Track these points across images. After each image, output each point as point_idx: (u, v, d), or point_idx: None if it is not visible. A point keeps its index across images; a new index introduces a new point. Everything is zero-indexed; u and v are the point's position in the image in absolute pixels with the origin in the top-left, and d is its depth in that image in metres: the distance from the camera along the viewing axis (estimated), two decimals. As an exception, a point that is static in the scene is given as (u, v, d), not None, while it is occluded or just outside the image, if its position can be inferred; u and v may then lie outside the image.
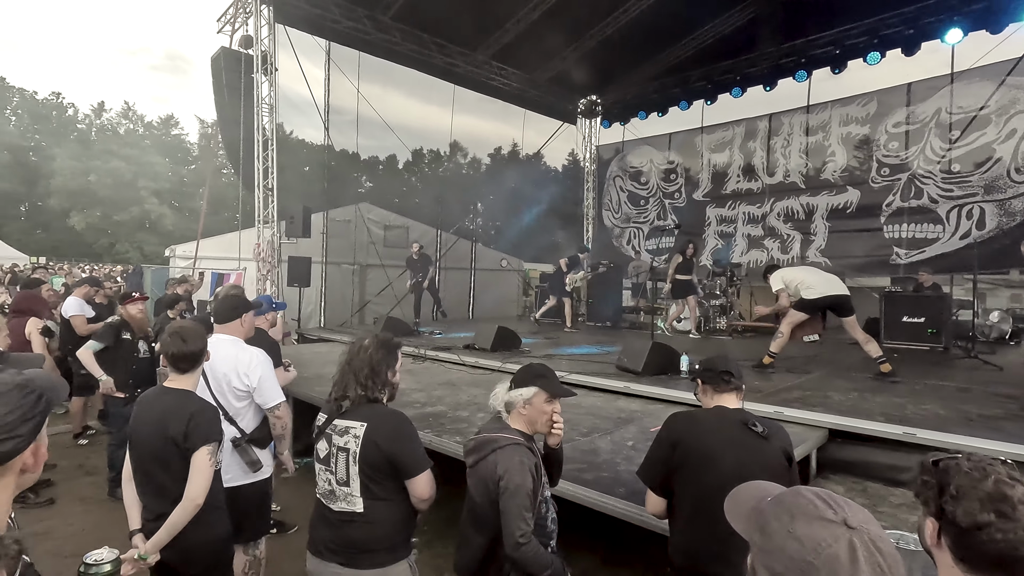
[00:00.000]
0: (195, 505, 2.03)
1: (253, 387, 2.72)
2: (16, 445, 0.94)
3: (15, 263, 21.15)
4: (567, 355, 6.42)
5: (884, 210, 9.89)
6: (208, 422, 2.12)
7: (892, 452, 3.33)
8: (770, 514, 0.84)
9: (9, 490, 0.97)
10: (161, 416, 2.11)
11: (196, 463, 2.05)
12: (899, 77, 9.93)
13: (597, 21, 10.40)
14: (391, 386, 2.10)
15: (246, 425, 2.75)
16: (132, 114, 50.50)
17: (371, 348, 2.08)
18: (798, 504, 0.82)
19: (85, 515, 4.30)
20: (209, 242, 11.38)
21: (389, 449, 1.92)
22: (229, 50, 8.81)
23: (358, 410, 2.00)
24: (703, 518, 1.83)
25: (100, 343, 4.45)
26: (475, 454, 1.97)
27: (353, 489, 1.94)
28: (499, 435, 1.95)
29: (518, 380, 2.04)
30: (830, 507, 0.80)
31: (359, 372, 2.02)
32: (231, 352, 2.75)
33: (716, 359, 2.17)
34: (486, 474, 1.89)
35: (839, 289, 5.19)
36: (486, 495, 1.89)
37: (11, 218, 41.52)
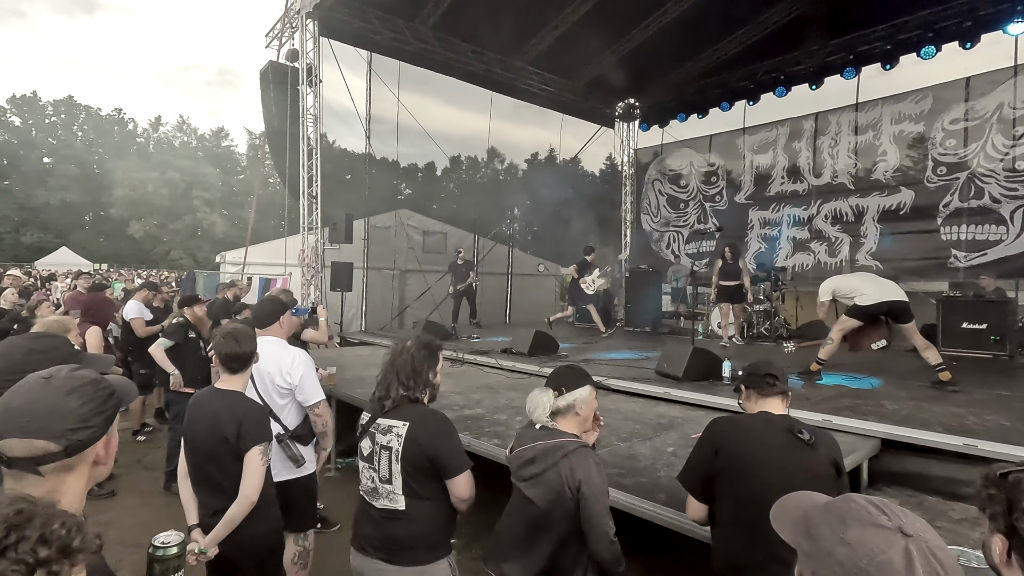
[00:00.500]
0: (250, 502, 2.13)
1: (295, 385, 2.83)
2: (90, 435, 1.01)
3: (81, 269, 22.49)
4: (606, 360, 6.36)
5: (941, 211, 9.39)
6: (258, 423, 2.21)
7: (951, 464, 3.16)
8: (819, 519, 0.81)
9: (83, 480, 1.04)
10: (214, 417, 2.21)
11: (249, 462, 2.14)
12: (956, 71, 9.41)
13: (635, 24, 10.32)
14: (432, 387, 2.14)
15: (289, 422, 2.86)
16: (186, 127, 53.18)
17: (413, 349, 2.13)
18: (849, 509, 0.80)
19: (143, 507, 4.54)
20: (257, 248, 11.83)
21: (430, 448, 1.96)
22: (276, 64, 9.17)
23: (400, 409, 2.05)
24: (745, 525, 1.79)
25: (170, 340, 4.73)
26: (539, 463, 1.92)
27: (395, 487, 1.98)
28: (563, 440, 1.93)
29: (569, 382, 2.04)
30: (884, 513, 0.77)
31: (401, 372, 2.07)
32: (275, 352, 2.87)
33: (759, 363, 2.12)
34: (557, 482, 1.85)
35: (896, 295, 4.96)
36: (558, 503, 1.85)
37: (77, 227, 44.25)
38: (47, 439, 0.96)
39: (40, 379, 1.02)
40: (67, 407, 0.99)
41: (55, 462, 0.97)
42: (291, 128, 8.91)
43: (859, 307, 4.98)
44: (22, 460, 0.95)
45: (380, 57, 10.08)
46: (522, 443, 2.03)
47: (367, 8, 9.01)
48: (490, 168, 34.62)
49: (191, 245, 43.39)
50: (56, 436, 0.97)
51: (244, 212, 44.60)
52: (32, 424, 0.96)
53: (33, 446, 0.95)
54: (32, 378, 1.02)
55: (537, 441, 1.98)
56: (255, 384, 2.79)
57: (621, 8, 9.61)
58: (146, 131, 52.01)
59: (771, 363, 2.10)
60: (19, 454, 0.95)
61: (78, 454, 1.00)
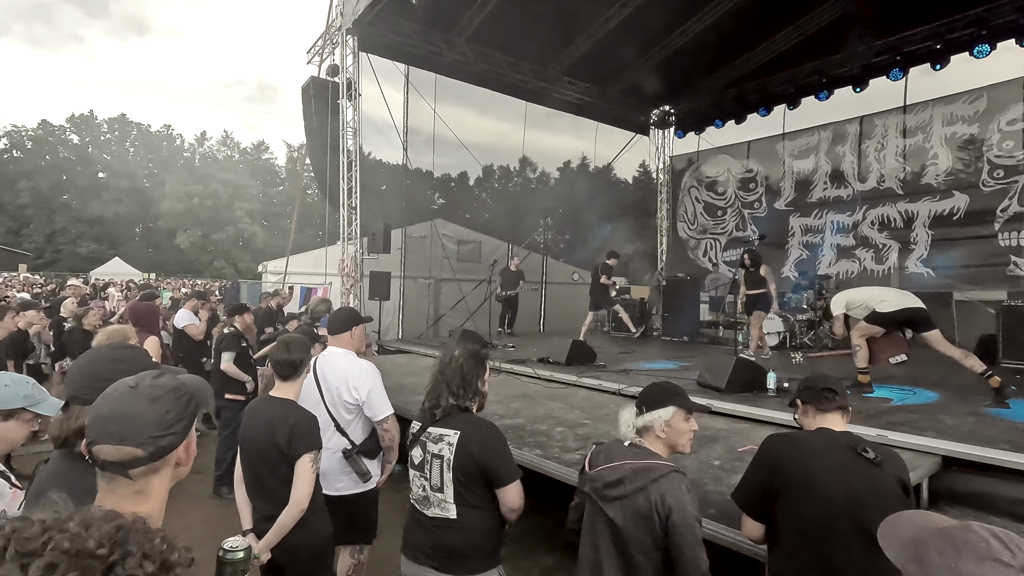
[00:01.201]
0: (300, 509, 2.17)
1: (362, 400, 2.80)
2: (173, 441, 1.07)
3: (132, 278, 23.54)
4: (645, 370, 6.27)
5: (999, 216, 8.94)
6: (309, 431, 2.25)
7: (1020, 484, 2.99)
8: (932, 546, 0.77)
9: (167, 481, 1.09)
10: (268, 424, 2.26)
11: (299, 470, 2.18)
12: (1013, 70, 8.99)
13: (671, 31, 10.23)
14: (481, 395, 2.17)
15: (356, 436, 2.84)
16: (229, 141, 55.29)
17: (461, 359, 2.15)
18: (967, 540, 0.75)
19: (195, 510, 4.69)
20: (297, 258, 12.14)
21: (482, 457, 1.97)
22: (317, 79, 9.45)
23: (451, 418, 2.06)
24: (811, 550, 1.72)
25: (232, 352, 4.90)
26: (626, 485, 1.82)
27: (447, 496, 1.99)
28: (653, 462, 1.82)
29: (650, 402, 1.94)
30: (1007, 549, 0.72)
31: (451, 382, 2.10)
32: (343, 365, 2.86)
33: (816, 377, 2.06)
34: (646, 507, 1.76)
35: (914, 302, 4.84)
36: (647, 529, 1.76)
37: (128, 238, 46.41)
38: (135, 445, 1.02)
39: (127, 387, 1.08)
40: (152, 415, 1.05)
41: (142, 466, 1.03)
42: (331, 141, 9.15)
43: (880, 314, 4.84)
44: (114, 464, 1.01)
45: (416, 70, 10.28)
46: (609, 459, 1.92)
47: (404, 23, 9.21)
48: (522, 177, 34.75)
49: (233, 255, 44.93)
50: (143, 443, 1.03)
51: (283, 222, 46.01)
52: (122, 431, 1.02)
53: (123, 452, 1.01)
54: (120, 386, 1.09)
55: (626, 459, 1.87)
56: (324, 399, 2.80)
57: (656, 15, 9.53)
58: (192, 146, 54.36)
59: (828, 376, 2.03)
60: (111, 459, 1.01)
61: (163, 458, 1.06)
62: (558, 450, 3.51)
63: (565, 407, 4.75)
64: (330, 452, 2.78)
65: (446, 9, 9.12)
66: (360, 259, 9.23)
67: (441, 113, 10.64)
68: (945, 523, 0.84)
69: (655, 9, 9.31)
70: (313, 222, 31.09)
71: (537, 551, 4.04)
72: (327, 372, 2.85)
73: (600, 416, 4.41)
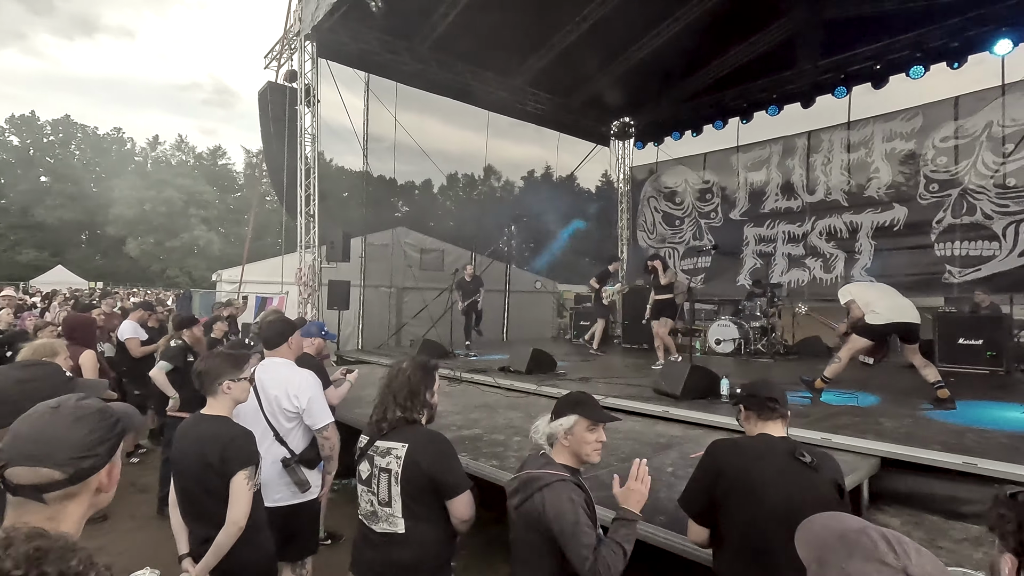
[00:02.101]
0: (238, 528, 2.09)
1: (302, 408, 2.78)
2: (95, 463, 1.02)
3: (77, 288, 22.39)
4: (603, 378, 6.34)
5: (934, 227, 9.48)
6: (243, 447, 2.17)
7: (952, 483, 3.15)
8: (831, 546, 0.82)
9: (83, 507, 1.04)
10: (199, 443, 2.18)
11: (235, 487, 2.10)
12: (945, 90, 9.60)
13: (630, 44, 10.49)
14: (430, 407, 2.15)
15: (295, 446, 2.80)
16: (184, 146, 53.46)
17: (409, 370, 2.13)
18: (859, 542, 0.80)
19: (136, 532, 4.46)
20: (254, 267, 11.81)
21: (431, 469, 1.95)
22: (275, 84, 9.26)
23: (399, 431, 2.04)
24: (751, 551, 1.77)
25: (171, 364, 4.68)
26: (520, 494, 1.86)
27: (395, 510, 1.96)
28: (543, 472, 1.85)
29: (557, 410, 1.97)
30: (893, 550, 0.76)
31: (398, 394, 2.08)
32: (283, 374, 2.83)
33: (760, 384, 2.11)
34: (534, 515, 1.78)
35: (909, 316, 4.76)
36: (537, 535, 1.79)
37: (73, 245, 44.19)
38: (53, 467, 0.97)
39: (48, 408, 1.03)
40: (73, 436, 1.00)
41: (59, 490, 0.97)
42: (289, 148, 8.97)
43: (869, 326, 4.78)
44: (27, 487, 0.96)
45: (378, 77, 10.20)
46: (522, 469, 1.98)
47: (365, 30, 9.14)
48: (487, 186, 34.83)
49: (188, 263, 43.33)
50: (62, 464, 0.97)
51: (241, 230, 44.63)
52: (40, 452, 0.97)
53: (39, 474, 0.96)
54: (41, 407, 1.04)
55: (526, 469, 1.93)
56: (262, 408, 2.75)
57: (616, 29, 9.77)
58: (144, 150, 52.30)
59: (771, 385, 2.09)
60: (25, 481, 0.96)
61: (82, 482, 1.01)
62: (514, 460, 3.51)
63: (524, 416, 4.75)
64: (268, 462, 2.71)
65: (408, 17, 9.10)
66: (318, 268, 9.05)
67: (404, 121, 10.58)
68: (854, 525, 0.88)
69: (614, 23, 9.54)
70: (272, 230, 30.33)
71: (496, 561, 4.01)
72: (265, 381, 2.81)
73: (558, 425, 4.42)
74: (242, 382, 2.32)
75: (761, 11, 9.61)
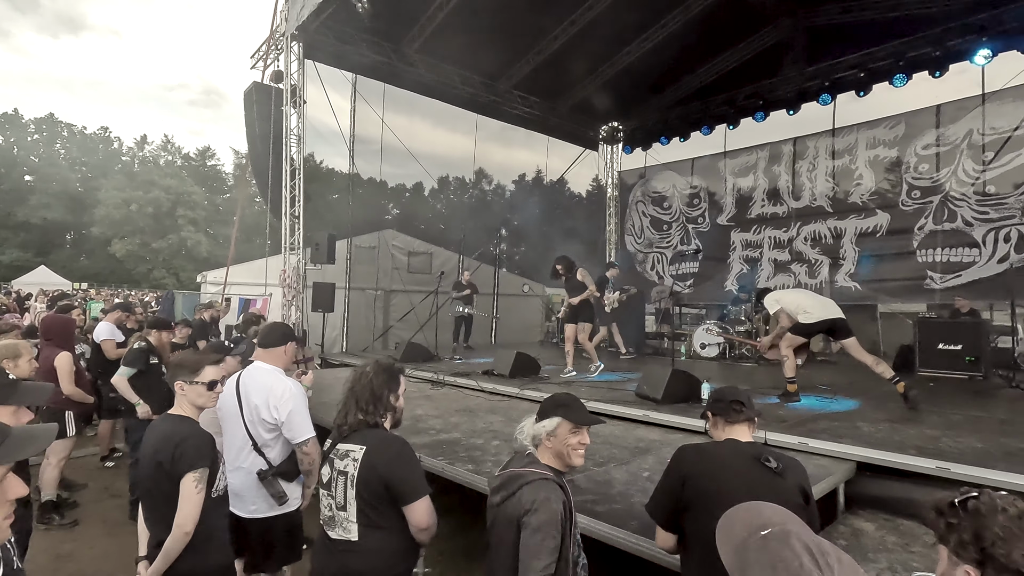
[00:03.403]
0: (183, 533, 2.01)
1: (281, 421, 2.66)
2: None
3: (59, 289, 22.05)
4: (587, 382, 6.33)
5: (916, 233, 9.59)
6: (195, 448, 2.08)
7: (926, 487, 3.15)
8: (753, 559, 0.79)
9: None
10: (155, 442, 2.13)
11: (183, 490, 2.03)
12: (927, 99, 9.73)
13: (618, 49, 10.55)
14: (394, 410, 2.11)
15: (274, 457, 2.70)
16: (171, 146, 52.98)
17: (372, 373, 2.10)
18: (783, 558, 0.76)
19: (108, 538, 4.37)
20: (238, 268, 11.69)
21: (386, 473, 1.90)
22: (260, 84, 9.19)
23: (358, 434, 2.01)
24: (714, 556, 1.75)
25: (132, 368, 4.57)
26: (502, 491, 1.84)
27: (350, 514, 1.92)
28: (527, 470, 1.85)
29: (541, 411, 1.95)
30: (817, 566, 0.74)
31: (360, 397, 2.05)
32: (266, 383, 2.72)
33: (726, 390, 2.11)
34: (514, 512, 1.77)
35: (835, 313, 5.13)
36: (512, 531, 1.76)
37: (58, 246, 43.58)
38: None
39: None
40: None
41: None
42: (274, 149, 8.90)
43: (803, 325, 5.14)
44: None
45: (365, 79, 10.15)
46: (506, 468, 1.96)
47: (352, 31, 9.10)
48: (477, 189, 34.82)
49: (175, 265, 42.87)
50: None
51: (230, 231, 44.21)
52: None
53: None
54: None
55: (511, 467, 1.92)
56: (243, 416, 2.68)
57: (604, 34, 9.81)
58: (131, 150, 51.75)
59: (737, 389, 2.09)
60: None
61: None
62: (491, 464, 3.48)
63: (505, 420, 4.73)
64: (245, 472, 2.66)
65: (395, 19, 9.08)
66: (303, 270, 8.97)
67: (393, 123, 10.56)
68: (774, 518, 0.85)
69: (602, 29, 9.58)
70: (261, 231, 30.08)
71: (473, 568, 3.97)
72: (249, 388, 2.72)
73: (538, 429, 4.40)
74: (196, 386, 2.22)
75: (747, 18, 9.71)
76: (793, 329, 5.21)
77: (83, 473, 5.55)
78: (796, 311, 5.20)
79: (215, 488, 2.14)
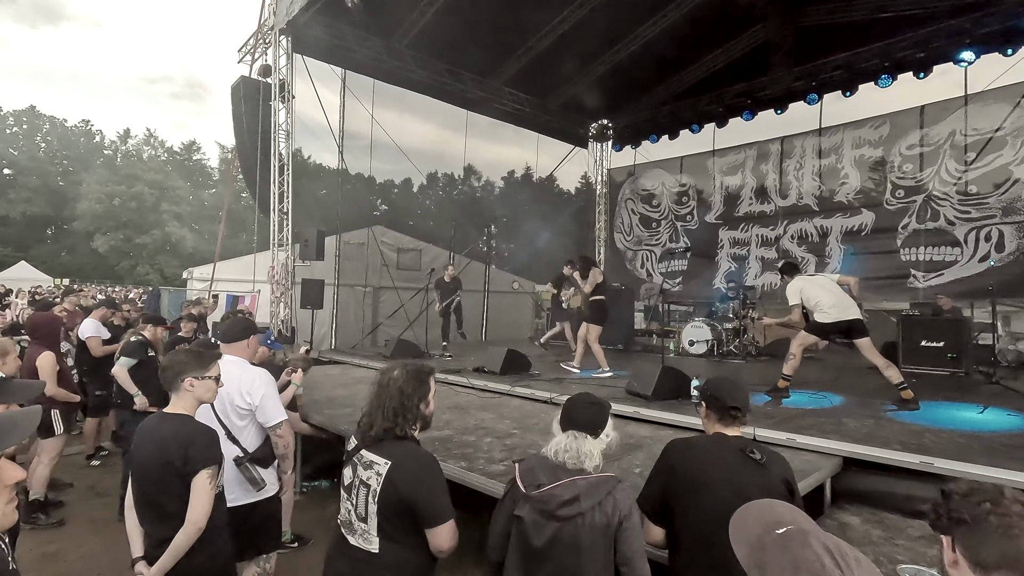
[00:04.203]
0: (197, 529, 2.03)
1: (255, 405, 2.74)
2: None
3: (39, 284, 21.67)
4: (577, 379, 6.36)
5: (900, 232, 9.75)
6: (206, 446, 2.12)
7: (910, 482, 3.23)
8: (773, 561, 0.79)
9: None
10: (160, 442, 2.12)
11: (196, 487, 2.05)
12: (912, 99, 9.89)
13: (608, 48, 10.57)
14: (424, 418, 2.00)
15: (248, 444, 2.77)
16: (154, 140, 52.15)
17: (401, 380, 1.96)
18: (804, 557, 0.78)
19: (95, 537, 4.32)
20: (226, 264, 11.57)
21: (409, 494, 1.81)
22: (248, 79, 9.09)
23: (386, 445, 1.89)
24: (701, 548, 1.78)
25: (133, 359, 4.55)
26: (582, 501, 1.77)
27: (370, 527, 1.84)
28: (607, 475, 1.85)
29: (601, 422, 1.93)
30: (838, 567, 0.75)
31: (387, 405, 1.92)
32: (235, 372, 2.77)
33: (727, 388, 2.07)
34: (601, 521, 1.75)
35: (853, 313, 5.07)
36: (605, 543, 1.75)
37: (38, 241, 42.78)
38: None
39: None
40: None
41: None
42: (263, 144, 8.81)
43: (819, 324, 5.07)
44: None
45: (355, 74, 10.08)
46: (552, 477, 1.84)
47: (341, 26, 9.02)
48: (467, 185, 34.72)
49: (159, 260, 42.27)
50: None
51: (216, 227, 43.65)
52: None
53: None
54: None
55: (565, 477, 1.83)
56: (213, 405, 2.69)
57: (594, 32, 9.83)
58: (114, 143, 50.87)
59: (737, 390, 2.04)
60: None
61: None
62: (483, 461, 3.49)
63: (496, 417, 4.74)
64: None
65: (385, 14, 9.01)
66: (292, 266, 8.90)
67: (382, 118, 10.49)
68: (787, 516, 0.87)
69: (592, 27, 9.60)
70: (248, 227, 29.74)
71: (465, 564, 3.99)
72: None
73: (530, 426, 4.42)
74: (207, 380, 2.25)
75: (736, 18, 9.77)
76: (808, 327, 5.12)
77: (69, 472, 5.48)
78: (814, 307, 5.08)
79: (217, 484, 2.16)
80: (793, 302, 5.24)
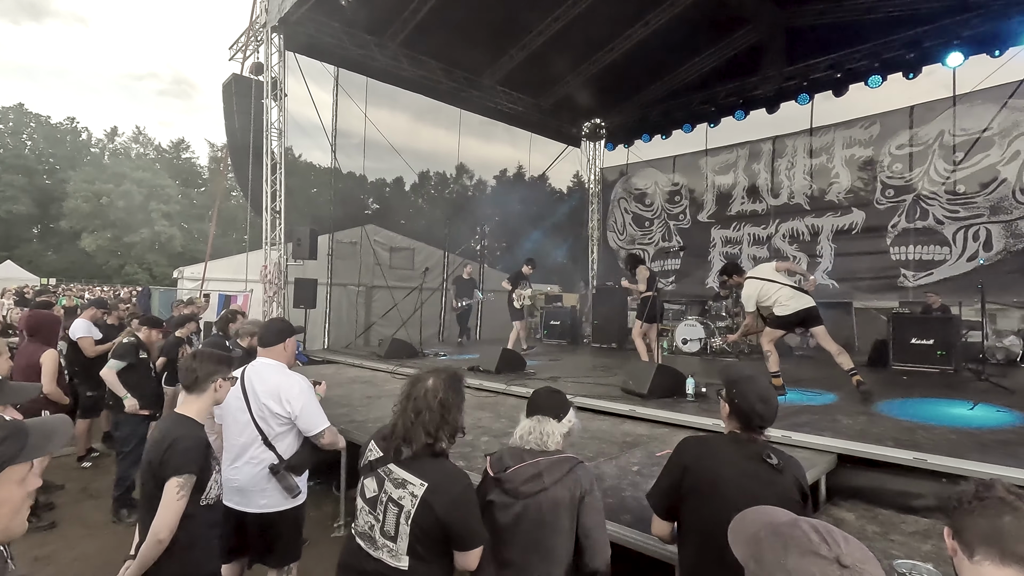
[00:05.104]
0: (157, 541, 1.90)
1: (295, 415, 2.69)
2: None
3: (26, 284, 21.35)
4: (572, 378, 6.38)
5: (890, 231, 9.86)
6: (184, 452, 1.99)
7: (903, 478, 3.27)
8: (766, 544, 0.83)
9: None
10: (152, 441, 2.09)
11: (164, 494, 1.94)
12: (901, 100, 9.99)
13: (600, 47, 10.59)
14: (460, 430, 1.92)
15: (284, 451, 2.71)
16: (143, 138, 51.56)
17: (440, 390, 1.85)
18: (793, 536, 0.82)
19: (88, 539, 4.27)
20: (217, 264, 11.48)
21: (446, 518, 1.76)
22: (240, 76, 9.02)
23: (421, 463, 1.81)
24: (712, 549, 1.78)
25: (122, 361, 4.50)
26: (547, 477, 1.87)
27: (400, 547, 1.79)
28: (568, 455, 1.98)
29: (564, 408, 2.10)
30: (825, 542, 0.79)
31: (427, 420, 1.81)
32: (274, 378, 2.75)
33: (762, 401, 1.92)
34: (563, 495, 1.88)
35: (807, 302, 5.21)
36: (568, 515, 1.88)
37: (24, 240, 42.15)
38: None
39: None
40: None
41: None
42: (254, 142, 8.74)
43: (779, 317, 5.25)
44: None
45: (347, 72, 10.03)
46: (517, 460, 1.95)
47: (334, 23, 8.97)
48: (459, 184, 34.67)
49: (148, 259, 41.83)
50: None
51: (205, 225, 43.32)
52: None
53: None
54: None
55: (536, 460, 1.94)
56: (251, 411, 2.68)
57: (587, 32, 9.85)
58: (101, 141, 50.24)
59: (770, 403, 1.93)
60: None
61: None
62: (481, 460, 3.48)
63: (493, 416, 4.74)
64: (252, 467, 2.66)
65: (378, 12, 8.98)
66: (284, 265, 8.85)
67: (374, 117, 10.44)
68: (784, 517, 0.90)
69: (585, 26, 9.62)
70: (238, 226, 29.53)
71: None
72: (255, 383, 2.74)
73: (527, 424, 4.42)
74: (231, 381, 2.28)
75: (728, 18, 9.83)
76: (770, 323, 5.33)
77: (60, 474, 5.41)
78: (773, 304, 5.27)
79: (205, 496, 2.06)
80: (749, 310, 5.47)
